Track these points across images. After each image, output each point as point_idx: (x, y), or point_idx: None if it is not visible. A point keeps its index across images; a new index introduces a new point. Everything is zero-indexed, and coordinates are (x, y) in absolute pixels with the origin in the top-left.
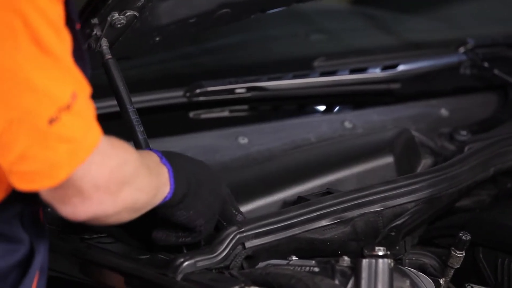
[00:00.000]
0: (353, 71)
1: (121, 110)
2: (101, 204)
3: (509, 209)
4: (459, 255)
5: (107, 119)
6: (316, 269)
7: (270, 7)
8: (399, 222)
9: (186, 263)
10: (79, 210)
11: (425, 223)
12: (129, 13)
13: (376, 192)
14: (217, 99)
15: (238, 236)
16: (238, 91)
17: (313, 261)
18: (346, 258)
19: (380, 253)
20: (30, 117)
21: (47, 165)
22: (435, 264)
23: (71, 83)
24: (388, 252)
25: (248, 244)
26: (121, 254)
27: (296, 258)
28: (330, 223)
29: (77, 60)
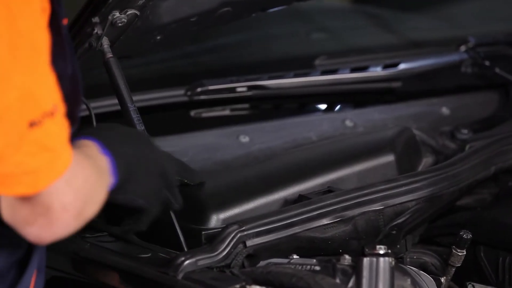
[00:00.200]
0: (354, 70)
1: (122, 109)
2: (68, 226)
3: (510, 208)
4: (460, 254)
5: (108, 118)
6: (317, 268)
7: (271, 6)
8: (400, 221)
9: (187, 262)
10: (46, 233)
11: (426, 222)
12: (130, 12)
13: (377, 191)
14: (218, 98)
15: (239, 235)
16: (239, 90)
17: (314, 260)
18: (347, 257)
19: (381, 252)
20: (10, 115)
21: (22, 170)
22: (436, 263)
23: (55, 94)
24: (389, 251)
25: (249, 243)
26: (122, 253)
27: (297, 257)
28: (331, 222)
29: (58, 58)
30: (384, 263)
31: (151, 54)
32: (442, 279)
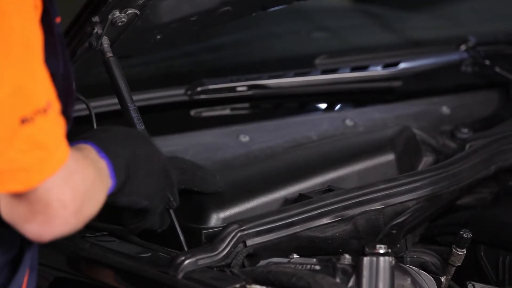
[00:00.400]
0: (355, 69)
1: (122, 109)
2: (67, 224)
3: (511, 207)
4: (461, 253)
5: (108, 118)
6: (317, 267)
7: (271, 5)
8: (400, 220)
9: (187, 261)
10: (45, 230)
11: (427, 221)
12: (130, 11)
13: (377, 190)
14: (219, 97)
15: (240, 234)
16: (240, 89)
17: (314, 259)
18: (347, 256)
19: (381, 251)
20: (2, 111)
21: (14, 167)
22: (437, 262)
23: (48, 90)
24: (389, 250)
25: (249, 242)
26: (122, 253)
27: (297, 256)
28: (331, 221)
29: (50, 56)
30: (384, 263)
31: (151, 54)
32: (442, 279)
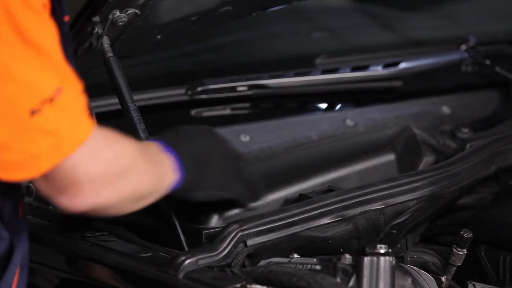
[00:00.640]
0: (355, 69)
1: (123, 108)
2: (98, 196)
3: (511, 207)
4: (461, 253)
5: (109, 117)
6: (318, 267)
7: (272, 5)
8: (401, 220)
9: (188, 261)
10: (76, 202)
11: (427, 221)
12: (131, 11)
13: (378, 190)
14: (219, 97)
15: (240, 234)
16: (240, 89)
17: (315, 259)
18: (348, 256)
19: (382, 251)
20: (11, 107)
21: (28, 157)
22: (437, 262)
23: (56, 77)
24: (390, 250)
25: (250, 242)
26: (123, 253)
27: (298, 256)
28: (332, 221)
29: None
30: (385, 263)
31: (152, 53)
32: (443, 278)
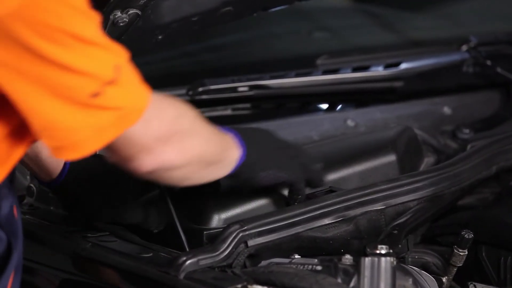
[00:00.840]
0: (356, 69)
1: None
2: (165, 154)
3: None
4: (462, 254)
5: None
6: (319, 268)
7: (273, 5)
8: (402, 221)
9: (189, 262)
10: (145, 163)
11: (428, 221)
12: (132, 11)
13: (379, 191)
14: (220, 98)
15: (241, 235)
16: (241, 90)
17: (316, 260)
18: (349, 257)
19: (383, 252)
20: (73, 93)
21: (93, 132)
22: (438, 263)
23: (111, 58)
24: (391, 251)
25: (251, 243)
26: (124, 253)
27: (299, 257)
28: (333, 222)
29: None
30: (386, 263)
31: (153, 54)
32: (444, 279)
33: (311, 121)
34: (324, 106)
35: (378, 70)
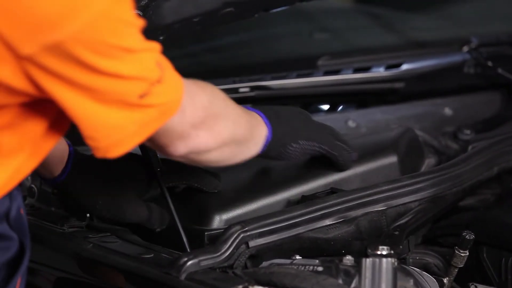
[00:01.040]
0: (357, 70)
1: None
2: (199, 138)
3: None
4: (463, 255)
5: None
6: (320, 269)
7: (274, 6)
8: (403, 221)
9: (190, 262)
10: (180, 148)
11: (429, 222)
12: None
13: (380, 192)
14: None
15: (242, 235)
16: (242, 90)
17: (317, 261)
18: (350, 258)
19: (384, 253)
20: (122, 96)
21: (137, 127)
22: (439, 264)
23: (153, 57)
24: (392, 252)
25: (252, 243)
26: (125, 253)
27: (300, 258)
28: (334, 222)
29: None
30: (387, 264)
31: None
32: (445, 280)
33: None
34: (325, 107)
35: (379, 71)
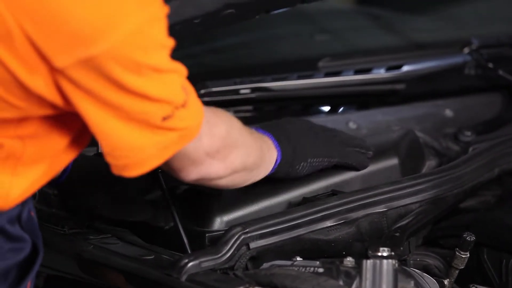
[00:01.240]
0: (358, 72)
1: None
2: (211, 167)
3: None
4: (464, 256)
5: None
6: (321, 270)
7: (275, 8)
8: (404, 223)
9: (191, 264)
10: (192, 174)
11: (430, 224)
12: None
13: (381, 193)
14: (222, 100)
15: (243, 237)
16: (243, 92)
17: (318, 262)
18: (351, 259)
19: (385, 254)
20: (146, 117)
21: (157, 150)
22: (440, 265)
23: (180, 81)
24: (393, 253)
25: (253, 245)
26: (126, 255)
27: (301, 259)
28: (335, 224)
29: None
30: (388, 265)
31: None
32: (446, 281)
33: None
34: (326, 109)
35: (380, 73)
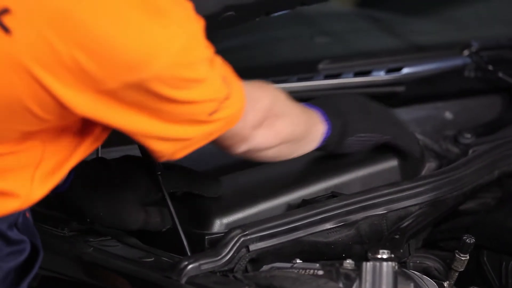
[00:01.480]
0: (358, 74)
1: None
2: (258, 138)
3: None
4: (463, 258)
5: None
6: (320, 272)
7: (275, 10)
8: (403, 225)
9: (190, 266)
10: (241, 147)
11: (430, 226)
12: None
13: (380, 195)
14: None
15: (243, 239)
16: None
17: (317, 264)
18: (350, 261)
19: (384, 256)
20: (193, 116)
21: (203, 137)
22: (439, 267)
23: (219, 76)
24: (392, 255)
25: (253, 247)
26: (126, 257)
27: (300, 261)
28: (334, 226)
29: None
30: (387, 268)
31: None
32: (445, 284)
33: None
34: None
35: (380, 75)
